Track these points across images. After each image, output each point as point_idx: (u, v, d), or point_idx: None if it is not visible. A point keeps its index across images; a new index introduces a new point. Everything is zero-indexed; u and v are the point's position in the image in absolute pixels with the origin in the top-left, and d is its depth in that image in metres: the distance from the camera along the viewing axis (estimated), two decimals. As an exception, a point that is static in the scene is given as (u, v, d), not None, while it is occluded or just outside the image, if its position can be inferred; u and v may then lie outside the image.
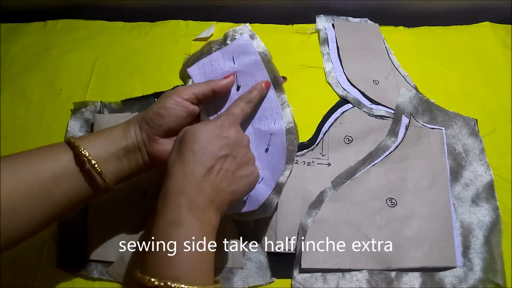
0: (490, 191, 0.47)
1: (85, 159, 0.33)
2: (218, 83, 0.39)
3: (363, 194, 0.46)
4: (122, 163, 0.36)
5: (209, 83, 0.39)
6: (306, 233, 0.43)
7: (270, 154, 0.40)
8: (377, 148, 0.49)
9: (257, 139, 0.40)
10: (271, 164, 0.40)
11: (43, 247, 0.45)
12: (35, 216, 0.32)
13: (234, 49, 0.41)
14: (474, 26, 0.61)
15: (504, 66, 0.57)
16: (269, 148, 0.40)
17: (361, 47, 0.57)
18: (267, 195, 0.39)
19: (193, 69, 0.42)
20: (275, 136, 0.40)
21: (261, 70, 0.40)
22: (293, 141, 0.40)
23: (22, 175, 0.31)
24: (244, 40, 0.41)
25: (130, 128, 0.37)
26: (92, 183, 0.34)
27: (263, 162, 0.40)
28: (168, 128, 0.37)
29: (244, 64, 0.41)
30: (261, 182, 0.39)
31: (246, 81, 0.40)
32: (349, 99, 0.52)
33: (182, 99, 0.37)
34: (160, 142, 0.37)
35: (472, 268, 0.43)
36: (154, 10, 0.65)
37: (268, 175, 0.40)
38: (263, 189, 0.39)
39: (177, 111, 0.37)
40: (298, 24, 0.61)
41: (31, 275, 0.44)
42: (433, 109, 0.52)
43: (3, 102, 0.55)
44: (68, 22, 0.63)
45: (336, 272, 0.43)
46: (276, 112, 0.40)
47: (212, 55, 0.42)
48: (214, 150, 0.32)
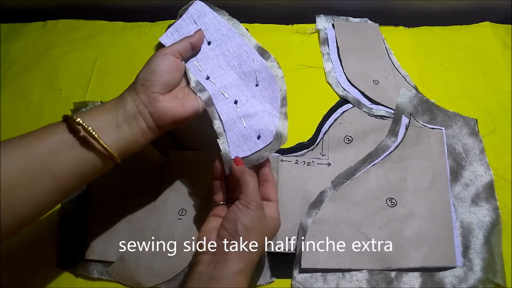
0: (490, 191, 0.47)
1: (79, 127, 0.33)
2: (193, 36, 0.43)
3: (363, 194, 0.46)
4: (123, 131, 0.36)
5: (185, 39, 0.42)
6: (306, 233, 0.43)
7: (262, 87, 0.43)
8: (377, 148, 0.49)
9: (245, 81, 0.43)
10: (267, 96, 0.42)
11: (43, 247, 0.45)
12: (36, 193, 0.31)
13: (192, 14, 0.46)
14: (474, 26, 0.61)
15: (504, 66, 0.57)
16: (258, 83, 0.43)
17: (361, 47, 0.57)
18: (276, 124, 0.41)
19: (164, 38, 0.47)
20: (259, 72, 0.43)
21: (221, 22, 0.45)
22: (278, 68, 0.43)
23: (18, 152, 0.31)
24: (198, 4, 0.47)
25: (124, 96, 0.38)
26: (92, 153, 0.34)
27: (259, 97, 0.42)
28: (164, 83, 0.38)
29: (205, 22, 0.45)
30: (266, 115, 0.42)
31: (214, 36, 0.45)
32: (349, 99, 0.52)
33: (170, 56, 0.39)
34: (161, 99, 0.38)
35: (472, 268, 0.43)
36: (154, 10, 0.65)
37: (269, 107, 0.42)
38: (270, 120, 0.41)
39: (168, 65, 0.39)
40: (298, 24, 0.61)
41: (31, 275, 0.44)
42: (433, 109, 0.52)
43: (3, 102, 0.55)
44: (68, 22, 0.63)
45: (336, 272, 0.43)
46: (251, 52, 0.43)
47: (175, 24, 0.47)
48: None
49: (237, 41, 0.44)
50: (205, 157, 0.47)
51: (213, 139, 0.40)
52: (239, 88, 0.43)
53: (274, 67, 0.43)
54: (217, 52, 0.44)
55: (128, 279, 0.43)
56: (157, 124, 0.38)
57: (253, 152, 0.40)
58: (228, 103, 0.42)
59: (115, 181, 0.47)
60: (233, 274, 0.33)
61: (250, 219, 0.35)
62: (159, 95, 0.38)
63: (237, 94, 0.42)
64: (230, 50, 0.44)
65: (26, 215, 0.32)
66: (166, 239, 0.43)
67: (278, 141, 0.41)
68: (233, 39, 0.44)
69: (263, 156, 0.41)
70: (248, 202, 0.36)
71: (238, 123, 0.41)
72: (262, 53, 0.43)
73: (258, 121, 0.41)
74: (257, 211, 0.36)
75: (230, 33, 0.44)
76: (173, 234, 0.44)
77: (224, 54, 0.44)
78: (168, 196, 0.46)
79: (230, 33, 0.44)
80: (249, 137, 0.41)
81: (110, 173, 0.37)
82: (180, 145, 0.50)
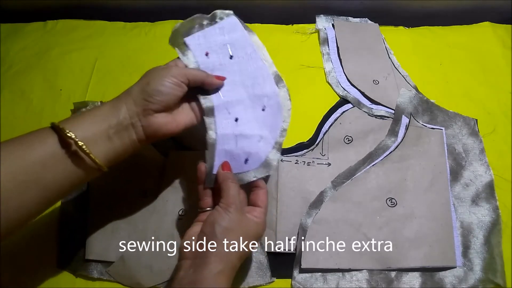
0: (490, 191, 0.47)
1: (71, 141, 0.33)
2: (212, 78, 0.41)
3: (363, 194, 0.46)
4: (113, 143, 0.36)
5: (203, 73, 0.41)
6: (306, 233, 0.43)
7: (267, 113, 0.42)
8: (377, 148, 0.49)
9: (253, 102, 0.42)
10: (269, 123, 0.42)
11: (43, 247, 0.45)
12: (26, 203, 0.32)
13: (224, 26, 0.45)
14: (474, 26, 0.61)
15: (504, 66, 0.57)
16: (265, 108, 0.42)
17: (361, 47, 0.57)
18: (268, 152, 0.41)
19: (190, 40, 0.44)
20: (269, 98, 0.42)
21: (249, 42, 0.44)
22: (287, 100, 0.43)
23: (10, 162, 0.31)
24: (233, 19, 0.45)
25: (119, 104, 0.37)
26: (82, 165, 0.34)
27: (261, 122, 0.42)
28: (166, 103, 0.38)
29: (234, 38, 0.44)
30: (261, 141, 0.41)
31: (238, 53, 0.44)
32: (349, 99, 0.52)
33: (178, 81, 0.38)
34: (156, 116, 0.38)
35: (472, 268, 0.43)
36: (154, 10, 0.65)
37: (267, 134, 0.42)
38: (263, 147, 0.41)
39: (176, 90, 0.38)
40: (298, 24, 0.61)
41: (31, 275, 0.44)
42: (433, 109, 0.52)
43: (3, 102, 0.55)
44: (68, 22, 0.63)
45: (336, 272, 0.43)
46: (267, 77, 0.43)
47: (205, 30, 0.45)
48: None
49: (258, 64, 0.43)
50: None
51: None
52: (245, 108, 0.42)
53: (285, 98, 0.43)
54: (236, 68, 0.43)
55: (128, 279, 0.43)
56: (147, 136, 0.38)
57: (235, 173, 0.40)
58: (228, 118, 0.41)
59: (115, 181, 0.47)
60: (212, 276, 0.33)
61: (228, 221, 0.35)
62: (155, 112, 0.38)
63: (240, 113, 0.42)
64: (249, 70, 0.43)
65: (11, 224, 0.32)
66: (166, 239, 0.43)
67: (265, 169, 0.40)
68: (255, 61, 0.43)
69: (243, 179, 0.40)
70: (227, 205, 0.36)
71: (231, 141, 0.41)
72: (278, 81, 0.43)
73: (250, 145, 0.41)
74: (237, 214, 0.36)
75: (254, 55, 0.44)
76: (173, 234, 0.44)
77: (242, 72, 0.43)
78: (168, 196, 0.46)
79: (254, 54, 0.44)
80: (237, 158, 0.40)
81: (110, 173, 0.37)
82: (180, 145, 0.50)
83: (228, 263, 0.34)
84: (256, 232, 0.37)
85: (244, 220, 0.37)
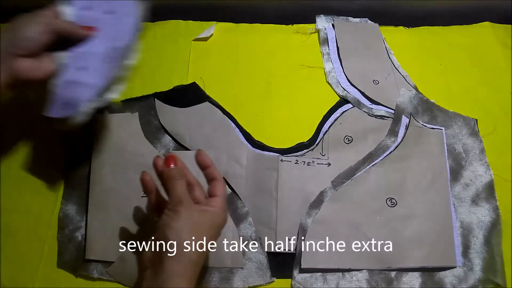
0: (490, 191, 0.47)
1: None
2: (76, 31, 0.40)
3: (363, 194, 0.46)
4: None
5: (69, 26, 0.40)
6: (306, 233, 0.43)
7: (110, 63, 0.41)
8: (377, 148, 0.49)
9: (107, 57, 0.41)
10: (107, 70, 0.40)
11: (43, 247, 0.45)
12: None
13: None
14: (474, 26, 0.61)
15: (504, 66, 0.57)
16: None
17: (361, 47, 0.57)
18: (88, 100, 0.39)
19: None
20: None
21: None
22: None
23: None
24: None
25: None
26: None
27: (104, 75, 0.40)
28: (30, 49, 0.38)
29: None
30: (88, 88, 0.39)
31: (117, 8, 0.43)
32: (349, 99, 0.52)
33: (46, 29, 0.38)
34: (20, 60, 0.38)
35: (472, 268, 0.43)
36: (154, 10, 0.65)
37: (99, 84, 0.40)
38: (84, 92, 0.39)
39: (41, 37, 0.38)
40: (298, 24, 0.61)
41: (31, 275, 0.44)
42: (433, 109, 0.52)
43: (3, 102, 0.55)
44: (68, 22, 0.63)
45: (336, 272, 0.43)
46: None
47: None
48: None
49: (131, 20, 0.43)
50: (205, 157, 0.47)
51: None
52: (97, 60, 0.41)
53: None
54: (110, 22, 0.42)
55: (128, 279, 0.43)
56: (10, 80, 0.38)
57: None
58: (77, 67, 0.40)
59: (115, 182, 0.47)
60: (169, 280, 0.32)
61: (178, 221, 0.34)
62: (19, 56, 0.38)
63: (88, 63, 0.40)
64: (119, 24, 0.43)
65: None
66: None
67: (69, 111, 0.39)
68: (130, 17, 0.44)
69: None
70: (174, 205, 0.35)
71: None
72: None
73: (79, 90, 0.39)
74: (187, 211, 0.35)
75: (133, 11, 0.44)
76: (173, 234, 0.44)
77: (113, 27, 0.42)
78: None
79: (133, 11, 0.44)
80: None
81: (110, 174, 0.37)
82: (180, 145, 0.50)
83: (186, 263, 0.33)
84: (213, 221, 0.36)
85: (196, 214, 0.35)
